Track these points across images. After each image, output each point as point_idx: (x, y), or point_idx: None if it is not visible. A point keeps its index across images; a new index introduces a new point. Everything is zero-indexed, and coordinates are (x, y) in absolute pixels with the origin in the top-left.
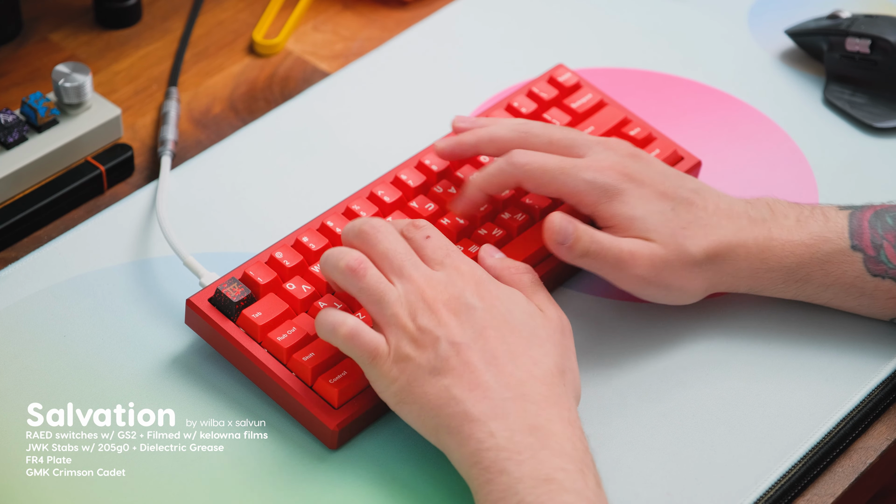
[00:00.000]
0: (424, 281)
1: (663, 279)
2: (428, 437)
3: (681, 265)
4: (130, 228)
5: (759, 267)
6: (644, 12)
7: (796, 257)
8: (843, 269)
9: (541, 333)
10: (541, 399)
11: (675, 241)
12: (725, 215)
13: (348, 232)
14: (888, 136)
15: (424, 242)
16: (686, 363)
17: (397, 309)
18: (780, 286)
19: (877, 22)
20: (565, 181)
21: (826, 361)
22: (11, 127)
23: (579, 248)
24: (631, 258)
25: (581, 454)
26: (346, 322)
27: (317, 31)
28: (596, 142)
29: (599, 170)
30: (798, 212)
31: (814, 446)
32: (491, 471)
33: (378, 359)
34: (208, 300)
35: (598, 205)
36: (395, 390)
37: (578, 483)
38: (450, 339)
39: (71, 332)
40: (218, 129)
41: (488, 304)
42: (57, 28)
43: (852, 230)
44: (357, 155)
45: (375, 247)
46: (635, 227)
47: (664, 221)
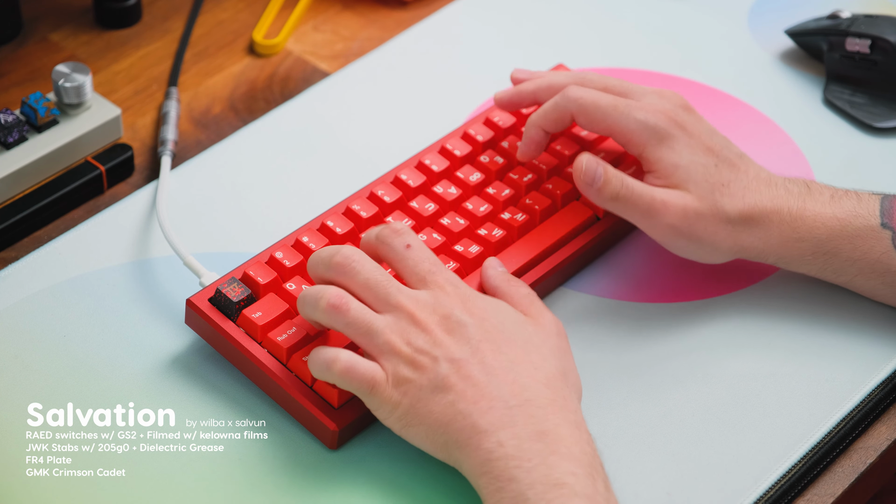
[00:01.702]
0: (412, 304)
1: (694, 231)
2: (437, 454)
3: (714, 220)
4: (130, 228)
5: (790, 235)
6: (644, 12)
7: (827, 229)
8: (871, 244)
9: (534, 339)
10: (546, 403)
11: (712, 196)
12: (765, 183)
13: (317, 264)
14: (888, 136)
15: (406, 253)
16: (686, 363)
17: (389, 336)
18: (808, 258)
19: (877, 22)
20: (617, 119)
21: (826, 361)
22: (11, 127)
23: (608, 190)
24: (663, 206)
25: (590, 458)
26: (340, 357)
27: (317, 31)
28: (651, 91)
29: (652, 112)
30: (833, 191)
31: (814, 446)
32: (501, 479)
33: (377, 387)
34: (208, 300)
35: (646, 146)
36: (400, 415)
37: (588, 487)
38: (448, 356)
39: (71, 332)
40: (218, 129)
41: (478, 318)
42: (57, 28)
43: (883, 210)
44: (357, 155)
45: (354, 279)
46: (677, 175)
47: (705, 175)
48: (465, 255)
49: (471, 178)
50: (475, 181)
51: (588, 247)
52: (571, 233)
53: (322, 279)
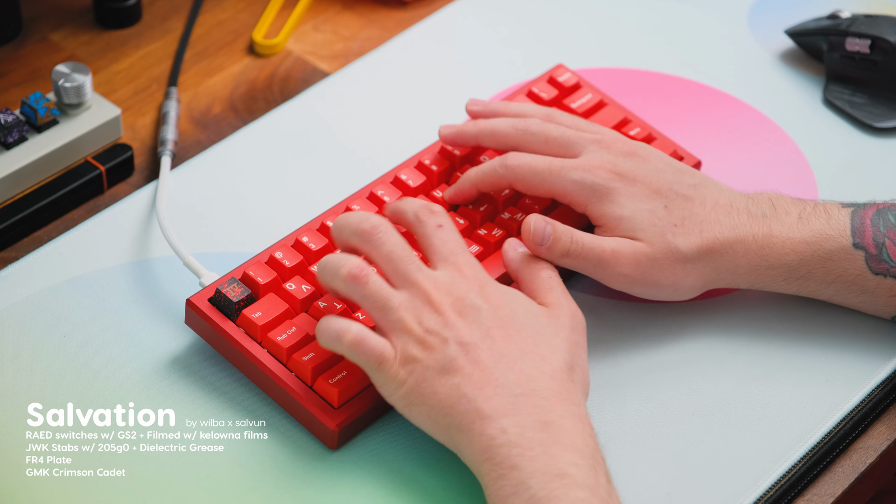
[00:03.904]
0: (429, 284)
1: (650, 277)
2: (438, 437)
3: (670, 262)
4: (130, 228)
5: (758, 264)
6: (644, 12)
7: (797, 255)
8: (844, 266)
9: (546, 332)
10: (551, 395)
11: (663, 239)
12: (724, 211)
13: (344, 227)
14: (888, 136)
15: (435, 231)
16: (686, 363)
17: (402, 313)
18: (782, 282)
19: (877, 22)
20: (554, 182)
21: (826, 361)
22: (11, 127)
23: (559, 248)
24: (613, 257)
25: (592, 450)
26: (351, 329)
27: (317, 31)
28: (591, 139)
29: (589, 169)
30: (800, 208)
31: (814, 446)
32: (503, 466)
33: (385, 363)
34: (208, 300)
35: (587, 204)
36: (404, 393)
37: (590, 479)
38: (458, 339)
39: (71, 332)
40: (218, 129)
41: (493, 304)
42: (57, 28)
43: (854, 228)
44: (357, 155)
45: (378, 248)
46: (623, 227)
47: (652, 220)
48: None
49: None
50: None
51: None
52: None
53: (345, 245)
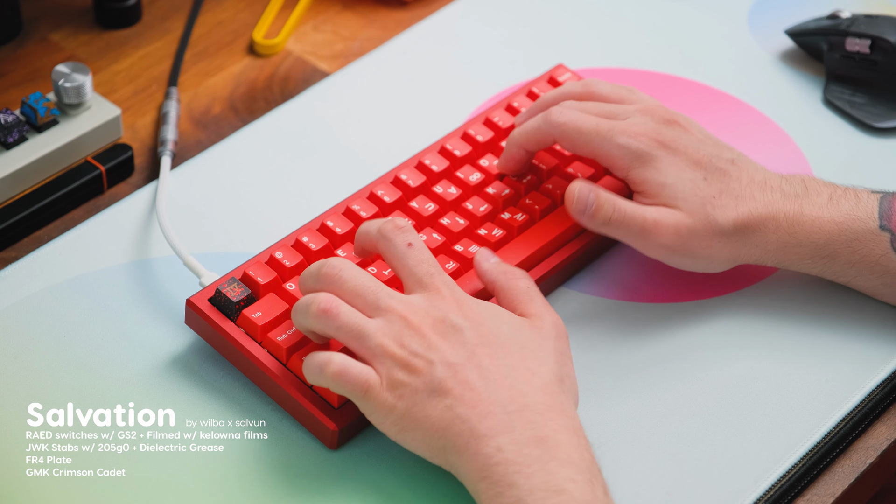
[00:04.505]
0: (405, 308)
1: (689, 248)
2: (434, 459)
3: (708, 234)
4: (130, 228)
5: (787, 241)
6: (644, 12)
7: (825, 234)
8: (870, 248)
9: (531, 345)
10: (544, 409)
11: (703, 210)
12: (759, 188)
13: (306, 279)
14: (888, 136)
15: (406, 251)
16: (686, 363)
17: (381, 339)
18: (807, 261)
19: (877, 22)
20: (600, 144)
21: (826, 361)
22: (11, 127)
23: (601, 216)
24: (655, 227)
25: (588, 464)
26: (333, 360)
27: (317, 31)
28: (635, 108)
29: (633, 135)
30: (831, 191)
31: (814, 446)
32: (500, 484)
33: (371, 391)
34: (208, 300)
35: (629, 170)
36: (395, 419)
37: (588, 493)
38: (444, 360)
39: (71, 332)
40: (218, 129)
41: (474, 322)
42: (57, 28)
43: (882, 211)
44: (357, 155)
45: (342, 287)
46: (664, 195)
47: (694, 190)
48: (464, 255)
49: (471, 178)
50: (475, 181)
51: (588, 246)
52: (572, 233)
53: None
